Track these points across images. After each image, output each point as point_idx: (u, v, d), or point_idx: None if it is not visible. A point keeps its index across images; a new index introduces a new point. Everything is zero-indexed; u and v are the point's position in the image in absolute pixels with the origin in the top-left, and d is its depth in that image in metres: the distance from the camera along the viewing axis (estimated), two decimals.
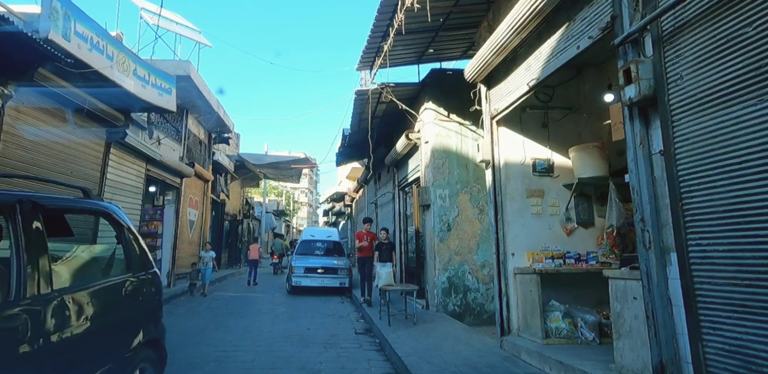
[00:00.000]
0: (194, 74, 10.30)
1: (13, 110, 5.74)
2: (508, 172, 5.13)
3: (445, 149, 7.72)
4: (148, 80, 7.63)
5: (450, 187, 7.65)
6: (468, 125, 7.88)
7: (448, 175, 7.68)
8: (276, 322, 7.24)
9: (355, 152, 12.69)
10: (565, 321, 4.32)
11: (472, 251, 7.55)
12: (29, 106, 6.06)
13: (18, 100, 5.68)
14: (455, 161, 7.74)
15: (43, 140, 6.36)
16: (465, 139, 7.84)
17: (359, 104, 8.42)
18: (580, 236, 5.07)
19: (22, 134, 5.93)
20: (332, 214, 32.45)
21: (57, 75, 6.22)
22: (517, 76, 4.49)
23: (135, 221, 9.11)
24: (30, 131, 6.07)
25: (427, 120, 7.81)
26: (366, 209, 15.45)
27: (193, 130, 12.93)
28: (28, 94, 5.90)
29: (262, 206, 31.70)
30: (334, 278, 11.06)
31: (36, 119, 6.19)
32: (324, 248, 12.94)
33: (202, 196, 14.03)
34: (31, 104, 6.06)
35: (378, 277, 6.65)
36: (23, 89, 5.70)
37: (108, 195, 7.93)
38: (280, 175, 22.52)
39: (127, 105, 7.73)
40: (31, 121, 6.12)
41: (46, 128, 6.37)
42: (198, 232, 13.70)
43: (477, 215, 7.67)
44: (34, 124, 6.16)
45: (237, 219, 21.04)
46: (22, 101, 5.83)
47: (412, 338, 5.53)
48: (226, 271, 17.48)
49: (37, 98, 6.10)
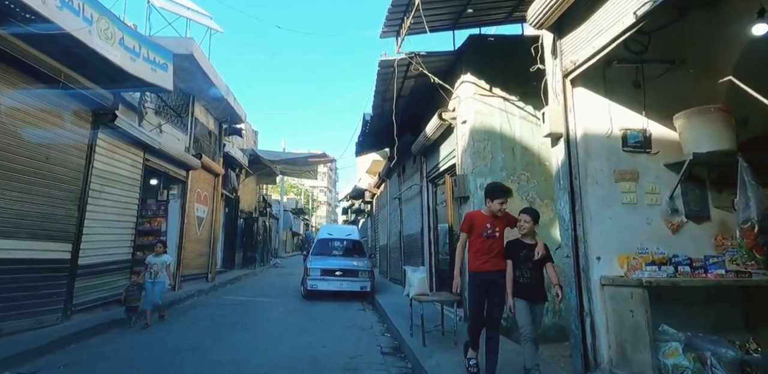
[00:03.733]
0: (198, 54, 9.23)
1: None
2: (589, 147, 3.80)
3: (487, 130, 6.42)
4: (138, 53, 6.54)
5: (493, 175, 6.34)
6: (514, 100, 6.55)
7: (490, 161, 6.38)
8: (285, 336, 6.07)
9: (376, 141, 11.44)
10: (687, 357, 3.00)
11: None
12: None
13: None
14: (498, 143, 6.43)
15: (8, 120, 5.33)
16: (511, 117, 6.52)
17: (383, 79, 7.18)
18: (690, 233, 3.72)
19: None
20: (351, 212, 31.37)
21: (22, 40, 5.17)
22: (613, 6, 3.17)
23: (131, 217, 8.08)
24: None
25: (465, 95, 6.52)
26: (388, 205, 14.21)
27: (201, 119, 11.91)
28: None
29: (280, 204, 30.90)
30: (355, 281, 9.86)
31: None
32: (343, 247, 11.75)
33: (212, 191, 13.03)
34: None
35: (408, 284, 5.42)
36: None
37: (96, 187, 6.90)
38: (297, 170, 21.50)
39: (115, 82, 6.67)
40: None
41: (11, 105, 5.33)
42: (207, 230, 12.70)
43: None
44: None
45: (253, 217, 20.07)
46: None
47: (455, 365, 4.28)
48: (240, 272, 16.50)
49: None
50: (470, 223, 4.00)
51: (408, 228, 11.23)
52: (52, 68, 5.66)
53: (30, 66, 5.31)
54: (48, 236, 5.97)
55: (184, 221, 10.62)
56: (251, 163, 17.08)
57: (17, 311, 5.49)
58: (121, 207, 7.69)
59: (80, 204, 6.56)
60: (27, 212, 5.62)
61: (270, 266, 21.96)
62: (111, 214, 7.38)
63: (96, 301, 6.92)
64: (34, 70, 5.42)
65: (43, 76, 5.57)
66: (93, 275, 6.81)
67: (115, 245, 7.48)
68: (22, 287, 5.58)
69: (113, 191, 7.44)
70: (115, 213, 7.52)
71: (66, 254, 6.32)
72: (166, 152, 9.03)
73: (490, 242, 3.88)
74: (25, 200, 5.58)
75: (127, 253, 8.02)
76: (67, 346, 5.31)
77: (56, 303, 6.08)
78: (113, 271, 7.44)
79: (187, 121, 10.81)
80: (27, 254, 5.65)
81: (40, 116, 5.78)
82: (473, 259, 3.94)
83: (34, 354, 4.77)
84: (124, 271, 7.85)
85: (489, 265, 3.85)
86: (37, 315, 5.75)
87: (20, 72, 5.36)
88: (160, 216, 10.25)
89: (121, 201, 7.72)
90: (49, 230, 5.98)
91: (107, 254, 7.15)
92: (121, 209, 7.69)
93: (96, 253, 6.89)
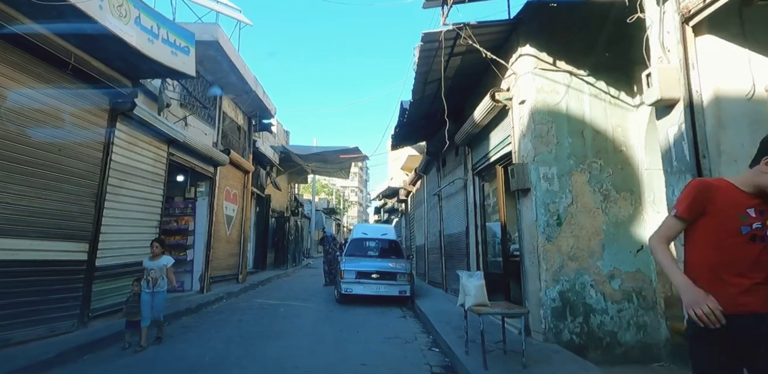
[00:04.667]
0: (224, 41, 8.65)
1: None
2: (722, 115, 2.83)
3: (551, 110, 5.46)
4: (156, 34, 5.96)
5: (559, 163, 5.38)
6: (582, 75, 5.56)
7: (555, 147, 5.41)
8: (318, 350, 5.31)
9: (414, 132, 10.56)
10: None
11: (595, 255, 5.24)
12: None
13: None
14: (565, 126, 5.46)
15: (14, 106, 4.81)
16: (580, 95, 5.53)
17: (425, 57, 6.32)
18: None
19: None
20: (384, 211, 30.60)
21: (23, 13, 4.63)
22: None
23: (155, 215, 7.55)
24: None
25: (524, 71, 5.58)
26: (426, 202, 13.32)
27: (230, 113, 11.41)
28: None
29: (311, 204, 30.51)
30: (393, 285, 9.04)
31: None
32: (378, 248, 10.97)
33: (241, 188, 12.52)
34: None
35: (463, 292, 4.55)
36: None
37: (115, 181, 6.37)
38: (329, 169, 20.89)
39: (132, 67, 6.12)
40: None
41: (15, 88, 4.80)
42: (237, 229, 12.20)
43: (600, 204, 5.35)
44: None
45: (284, 216, 19.61)
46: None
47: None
48: (272, 272, 16.02)
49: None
50: (706, 199, 1.89)
51: (449, 227, 10.32)
52: (60, 48, 5.10)
53: (33, 44, 4.76)
54: (62, 235, 5.45)
55: (213, 220, 10.10)
56: (282, 161, 16.58)
57: (28, 318, 4.97)
58: (143, 204, 7.16)
59: (97, 200, 6.04)
60: (37, 209, 5.10)
61: (302, 266, 21.49)
62: (132, 211, 6.85)
63: (116, 306, 6.34)
64: (39, 50, 4.87)
65: (51, 57, 5.02)
66: (112, 278, 6.28)
67: (136, 245, 6.94)
68: (34, 291, 5.07)
69: (134, 186, 6.91)
70: (137, 210, 6.99)
71: (82, 255, 5.80)
72: (192, 146, 8.49)
73: (757, 249, 1.83)
74: (34, 195, 5.06)
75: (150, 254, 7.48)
76: (80, 358, 4.75)
77: (71, 308, 5.56)
78: (135, 273, 6.88)
79: (215, 114, 10.29)
80: (39, 255, 5.13)
81: (50, 103, 5.26)
82: (707, 280, 1.85)
83: (38, 369, 4.19)
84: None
85: (757, 299, 1.80)
86: (51, 321, 5.23)
87: (22, 51, 4.83)
88: (187, 215, 9.78)
89: (144, 198, 7.19)
90: (62, 228, 5.46)
91: (128, 255, 6.61)
92: (143, 206, 7.16)
93: (115, 254, 6.36)
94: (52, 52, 4.99)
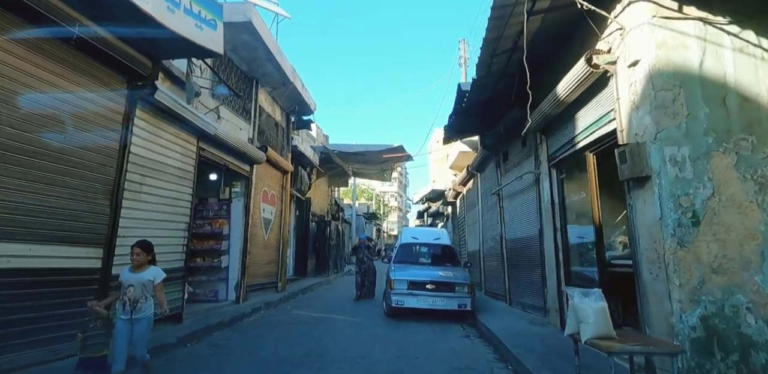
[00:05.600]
0: (258, 22, 7.75)
1: None
2: None
3: (678, 71, 4.07)
4: (178, 2, 5.07)
5: (692, 142, 3.98)
6: (721, 23, 4.15)
7: (685, 119, 4.02)
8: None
9: (469, 123, 9.23)
10: None
11: (750, 267, 3.79)
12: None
13: None
14: (698, 92, 4.06)
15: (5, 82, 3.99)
16: (718, 50, 4.12)
17: (497, 17, 5.06)
18: None
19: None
20: (428, 215, 29.23)
21: None
22: None
23: (184, 217, 6.68)
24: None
25: (637, 22, 4.23)
26: (480, 203, 11.95)
27: (266, 108, 10.57)
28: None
29: (352, 208, 29.65)
30: (451, 298, 7.77)
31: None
32: (431, 254, 9.73)
33: (279, 190, 11.65)
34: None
35: (576, 318, 3.26)
36: None
37: (134, 177, 5.53)
38: (371, 170, 19.89)
39: (150, 43, 5.24)
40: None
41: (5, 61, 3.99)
42: (276, 233, 11.30)
43: (754, 196, 3.90)
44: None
45: (325, 220, 18.72)
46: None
47: None
48: (313, 280, 15.08)
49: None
50: None
51: (513, 231, 8.92)
52: (61, 13, 4.25)
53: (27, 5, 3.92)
54: (68, 238, 4.61)
55: (249, 222, 9.21)
56: (322, 162, 15.69)
57: (24, 338, 4.13)
58: (169, 204, 6.30)
59: (114, 198, 5.19)
60: (38, 208, 4.27)
61: (344, 273, 20.50)
62: (156, 212, 6.00)
63: None
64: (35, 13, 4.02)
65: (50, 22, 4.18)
66: None
67: (162, 250, 5.97)
68: (34, 306, 4.23)
69: (159, 183, 6.05)
70: (162, 211, 6.13)
71: (95, 262, 4.95)
72: (224, 140, 7.62)
73: None
74: (33, 191, 4.23)
75: (178, 260, 6.62)
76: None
77: (78, 326, 4.67)
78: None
79: (250, 107, 9.45)
80: (38, 262, 4.29)
81: (53, 80, 4.43)
82: None
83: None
84: (176, 282, 6.47)
85: None
86: (52, 342, 4.36)
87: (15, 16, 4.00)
88: (222, 217, 8.93)
89: (170, 197, 6.33)
90: (69, 230, 4.61)
91: None
92: (169, 206, 6.30)
93: None
94: (49, 15, 4.14)
